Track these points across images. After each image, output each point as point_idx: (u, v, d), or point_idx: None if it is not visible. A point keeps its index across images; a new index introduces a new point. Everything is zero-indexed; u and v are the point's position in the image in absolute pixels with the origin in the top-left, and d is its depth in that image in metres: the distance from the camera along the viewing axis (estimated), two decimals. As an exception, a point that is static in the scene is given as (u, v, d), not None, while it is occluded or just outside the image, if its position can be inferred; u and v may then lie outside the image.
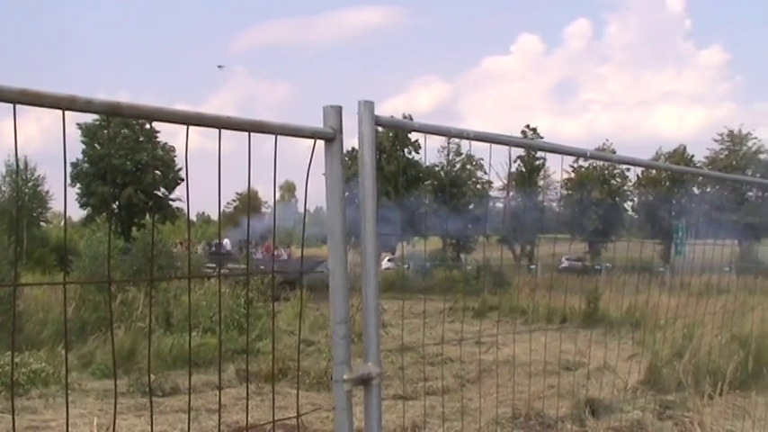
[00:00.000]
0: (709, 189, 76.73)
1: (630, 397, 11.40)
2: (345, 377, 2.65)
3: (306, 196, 2.70)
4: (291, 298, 24.82)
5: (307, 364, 15.36)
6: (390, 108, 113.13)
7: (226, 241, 46.82)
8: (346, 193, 2.67)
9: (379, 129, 2.84)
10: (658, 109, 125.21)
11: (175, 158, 60.73)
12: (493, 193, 79.95)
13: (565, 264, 56.25)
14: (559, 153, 3.99)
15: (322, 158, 2.69)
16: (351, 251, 2.84)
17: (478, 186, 77.42)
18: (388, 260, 61.52)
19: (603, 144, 77.34)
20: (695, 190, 78.84)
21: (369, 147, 2.74)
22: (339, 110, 2.67)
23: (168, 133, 73.52)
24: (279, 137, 2.64)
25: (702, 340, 12.55)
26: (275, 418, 2.95)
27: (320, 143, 2.67)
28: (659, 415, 10.59)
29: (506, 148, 3.75)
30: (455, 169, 77.38)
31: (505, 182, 77.01)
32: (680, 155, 79.07)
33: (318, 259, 28.18)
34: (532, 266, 52.43)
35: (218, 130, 2.48)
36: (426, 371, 13.45)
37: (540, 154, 61.19)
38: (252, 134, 2.58)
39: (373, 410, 2.76)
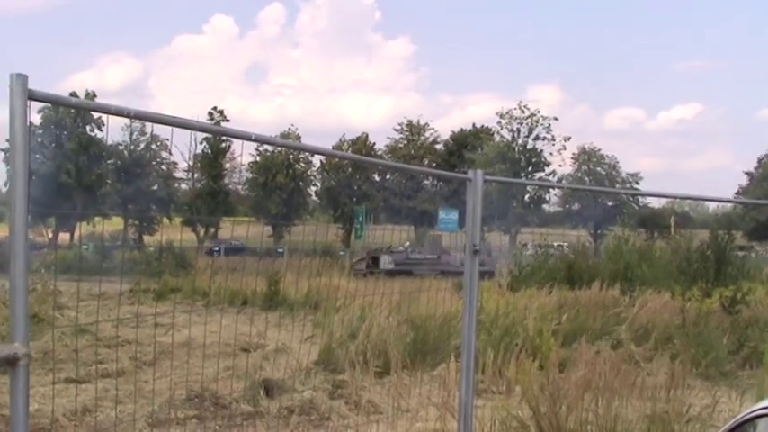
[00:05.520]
0: (388, 176, 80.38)
1: (304, 377, 11.72)
2: (-14, 357, 2.53)
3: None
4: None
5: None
6: (78, 84, 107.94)
7: None
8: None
9: (34, 103, 2.74)
10: (347, 97, 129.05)
11: None
12: (178, 174, 79.04)
13: None
14: (224, 135, 4.03)
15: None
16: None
17: (163, 167, 76.19)
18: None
19: (289, 129, 78.69)
20: (376, 177, 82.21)
21: (20, 122, 2.63)
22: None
23: None
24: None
25: (375, 321, 13.13)
26: None
27: None
28: (331, 394, 10.98)
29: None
30: (139, 149, 75.59)
31: (190, 163, 76.31)
32: (362, 142, 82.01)
33: None
34: (216, 249, 52.30)
35: None
36: (102, 353, 13.12)
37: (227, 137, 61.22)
38: None
39: (19, 392, 2.64)
